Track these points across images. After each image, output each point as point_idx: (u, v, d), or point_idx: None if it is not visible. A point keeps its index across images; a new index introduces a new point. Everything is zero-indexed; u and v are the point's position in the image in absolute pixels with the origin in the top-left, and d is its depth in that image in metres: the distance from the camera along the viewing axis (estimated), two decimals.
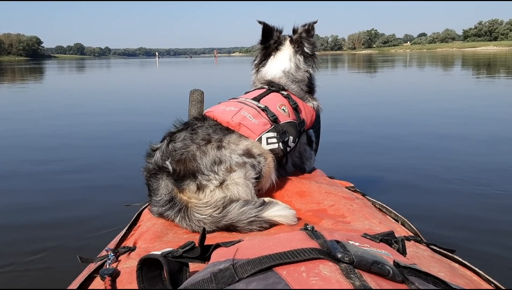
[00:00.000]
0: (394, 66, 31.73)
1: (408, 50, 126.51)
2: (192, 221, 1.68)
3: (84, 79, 25.85)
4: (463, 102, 9.93)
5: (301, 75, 2.53)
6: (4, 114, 9.87)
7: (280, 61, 2.54)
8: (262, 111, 2.15)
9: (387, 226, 1.63)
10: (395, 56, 63.23)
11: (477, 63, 30.97)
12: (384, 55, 73.90)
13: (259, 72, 2.58)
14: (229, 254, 0.87)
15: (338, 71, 26.51)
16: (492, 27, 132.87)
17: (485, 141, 5.72)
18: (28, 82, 21.65)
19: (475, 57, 42.75)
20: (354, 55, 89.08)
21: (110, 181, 4.46)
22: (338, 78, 20.24)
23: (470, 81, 16.47)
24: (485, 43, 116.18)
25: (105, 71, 37.89)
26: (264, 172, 1.94)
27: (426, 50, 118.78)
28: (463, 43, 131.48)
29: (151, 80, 23.61)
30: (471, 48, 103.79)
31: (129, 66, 51.46)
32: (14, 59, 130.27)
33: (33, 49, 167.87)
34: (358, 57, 65.12)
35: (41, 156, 5.65)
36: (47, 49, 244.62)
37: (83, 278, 1.32)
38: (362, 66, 32.62)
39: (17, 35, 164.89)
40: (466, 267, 1.36)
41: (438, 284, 0.78)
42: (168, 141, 1.91)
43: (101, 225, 3.17)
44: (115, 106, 11.13)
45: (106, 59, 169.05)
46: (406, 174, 4.43)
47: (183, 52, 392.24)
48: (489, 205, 3.48)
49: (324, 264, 0.75)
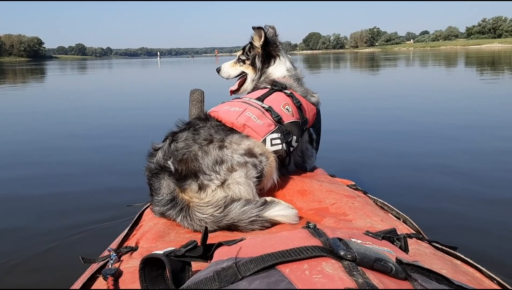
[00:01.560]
0: (401, 64, 30.92)
1: (411, 48, 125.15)
2: (193, 220, 1.68)
3: (84, 80, 25.79)
4: (477, 101, 9.71)
5: (299, 73, 2.60)
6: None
7: (283, 62, 2.58)
8: (266, 112, 2.15)
9: (389, 224, 1.63)
10: (399, 55, 62.40)
11: (487, 60, 30.20)
12: (388, 54, 73.01)
13: (264, 73, 2.58)
14: (231, 252, 0.87)
15: (345, 70, 26.10)
16: (496, 24, 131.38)
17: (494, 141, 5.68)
18: (18, 84, 21.54)
19: (483, 55, 41.80)
20: (357, 54, 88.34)
21: (111, 182, 4.46)
22: (348, 77, 20.01)
23: (484, 79, 16.15)
24: (490, 40, 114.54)
25: (107, 72, 37.51)
26: (266, 172, 1.94)
27: (430, 48, 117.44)
28: (467, 40, 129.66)
29: (155, 80, 23.38)
30: (475, 46, 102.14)
31: (131, 66, 51.02)
32: (15, 60, 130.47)
33: (34, 50, 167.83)
34: (362, 56, 64.07)
35: (39, 154, 5.66)
36: (48, 50, 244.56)
37: (85, 278, 1.32)
38: (369, 65, 31.76)
39: (18, 36, 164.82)
40: (469, 264, 1.36)
41: (440, 281, 0.78)
42: (170, 141, 1.91)
43: (102, 226, 3.18)
44: (112, 105, 11.14)
45: (107, 59, 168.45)
46: (409, 173, 4.43)
47: (185, 51, 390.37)
48: (493, 205, 3.47)
49: (327, 262, 0.75)
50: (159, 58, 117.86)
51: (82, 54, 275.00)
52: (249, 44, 2.62)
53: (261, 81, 2.55)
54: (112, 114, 9.60)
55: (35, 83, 22.81)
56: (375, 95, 11.57)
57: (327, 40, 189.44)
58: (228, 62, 2.77)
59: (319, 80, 17.29)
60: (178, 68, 40.58)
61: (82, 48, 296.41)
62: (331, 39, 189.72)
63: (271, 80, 2.48)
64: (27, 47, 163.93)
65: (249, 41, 2.61)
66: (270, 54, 2.56)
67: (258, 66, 2.59)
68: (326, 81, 17.29)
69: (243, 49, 2.67)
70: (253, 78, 2.62)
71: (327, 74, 21.43)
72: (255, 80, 2.60)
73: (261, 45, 2.54)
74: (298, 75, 2.57)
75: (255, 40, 2.56)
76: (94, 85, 20.39)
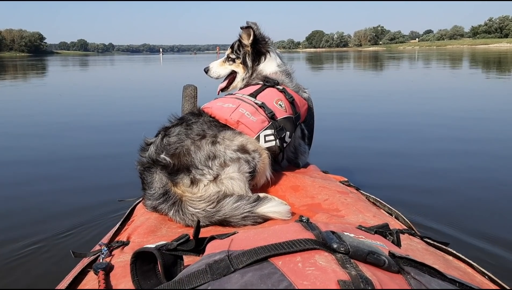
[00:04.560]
0: (410, 64, 29.80)
1: (416, 47, 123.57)
2: (185, 215, 1.67)
3: (79, 76, 25.54)
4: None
5: (288, 68, 2.60)
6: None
7: (273, 58, 2.57)
8: (259, 108, 2.14)
9: (381, 219, 1.64)
10: (404, 53, 61.45)
11: (500, 60, 29.47)
12: (393, 52, 71.95)
13: (255, 70, 2.57)
14: (224, 245, 0.86)
15: (354, 69, 25.62)
16: (503, 23, 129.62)
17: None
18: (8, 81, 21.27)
19: (494, 55, 40.71)
20: (361, 52, 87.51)
21: (103, 177, 4.43)
22: (357, 76, 19.53)
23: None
24: (498, 40, 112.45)
25: (109, 68, 36.53)
26: (259, 168, 1.93)
27: (436, 47, 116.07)
28: (474, 40, 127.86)
29: (160, 77, 22.91)
30: (483, 45, 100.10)
31: (134, 62, 50.11)
32: (15, 55, 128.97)
33: (35, 45, 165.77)
34: (367, 54, 62.97)
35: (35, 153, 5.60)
36: (50, 45, 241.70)
37: (76, 272, 1.31)
38: (377, 65, 30.54)
39: (19, 31, 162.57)
40: (460, 259, 1.37)
41: (433, 274, 0.78)
42: (163, 135, 1.90)
43: (94, 220, 3.15)
44: (110, 106, 11.07)
45: (109, 55, 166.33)
46: (404, 170, 4.46)
47: (187, 48, 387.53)
48: (487, 200, 3.51)
49: (319, 255, 0.75)
50: (161, 54, 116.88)
51: (84, 50, 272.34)
52: (237, 42, 2.58)
53: (252, 78, 2.55)
54: (110, 113, 9.52)
55: (29, 78, 22.53)
56: (391, 97, 10.81)
57: (331, 38, 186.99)
58: (217, 61, 2.72)
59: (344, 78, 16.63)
60: (181, 65, 39.81)
61: (84, 44, 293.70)
62: (334, 37, 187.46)
63: (263, 76, 2.48)
64: (28, 42, 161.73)
65: (238, 38, 2.58)
66: (260, 51, 2.55)
67: (249, 65, 2.57)
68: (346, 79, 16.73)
69: (231, 47, 2.62)
70: (243, 77, 2.61)
71: (342, 71, 20.68)
72: (245, 79, 2.59)
73: (251, 43, 2.53)
74: (289, 70, 2.58)
75: (243, 39, 2.54)
76: (90, 82, 20.03)
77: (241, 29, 2.51)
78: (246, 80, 2.58)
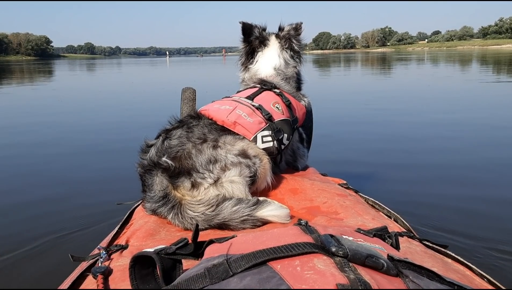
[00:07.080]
0: (424, 66, 28.53)
1: (426, 48, 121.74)
2: (184, 218, 1.67)
3: (83, 81, 25.43)
4: None
5: (290, 71, 2.58)
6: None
7: (269, 58, 2.57)
8: (256, 110, 2.15)
9: (380, 222, 1.64)
10: (413, 55, 60.20)
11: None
12: (402, 54, 70.89)
13: (248, 70, 2.59)
14: (222, 249, 0.86)
15: (364, 72, 25.01)
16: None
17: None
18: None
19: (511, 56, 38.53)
20: (368, 54, 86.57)
21: (102, 180, 4.43)
22: (370, 79, 19.00)
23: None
24: (509, 40, 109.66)
25: (117, 72, 35.60)
26: (260, 174, 1.94)
27: (446, 48, 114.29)
28: (485, 40, 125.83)
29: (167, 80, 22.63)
30: (495, 46, 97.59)
31: (141, 65, 49.71)
32: (22, 58, 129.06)
33: (42, 48, 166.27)
34: (375, 56, 61.35)
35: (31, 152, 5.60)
36: (57, 49, 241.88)
37: (75, 276, 1.30)
38: (387, 67, 29.22)
39: (25, 34, 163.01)
40: (459, 262, 1.37)
41: (432, 277, 0.78)
42: (164, 138, 1.90)
43: (92, 224, 3.15)
44: (109, 104, 11.06)
45: (116, 58, 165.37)
46: (401, 172, 4.46)
47: (193, 51, 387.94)
48: (487, 203, 3.50)
49: (318, 258, 0.75)
50: (168, 57, 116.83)
51: (91, 53, 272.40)
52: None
53: (248, 78, 2.56)
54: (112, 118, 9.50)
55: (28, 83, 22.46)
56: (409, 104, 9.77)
57: (338, 39, 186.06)
58: None
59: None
60: (187, 68, 39.43)
61: (91, 47, 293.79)
62: (341, 39, 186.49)
63: (258, 79, 2.49)
64: (35, 46, 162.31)
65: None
66: (254, 50, 2.58)
67: (242, 61, 2.64)
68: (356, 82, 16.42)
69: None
70: (242, 78, 2.65)
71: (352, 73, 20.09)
72: (241, 75, 2.64)
73: (242, 39, 2.59)
74: (288, 74, 2.56)
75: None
76: (93, 86, 19.81)
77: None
78: (241, 78, 2.64)
